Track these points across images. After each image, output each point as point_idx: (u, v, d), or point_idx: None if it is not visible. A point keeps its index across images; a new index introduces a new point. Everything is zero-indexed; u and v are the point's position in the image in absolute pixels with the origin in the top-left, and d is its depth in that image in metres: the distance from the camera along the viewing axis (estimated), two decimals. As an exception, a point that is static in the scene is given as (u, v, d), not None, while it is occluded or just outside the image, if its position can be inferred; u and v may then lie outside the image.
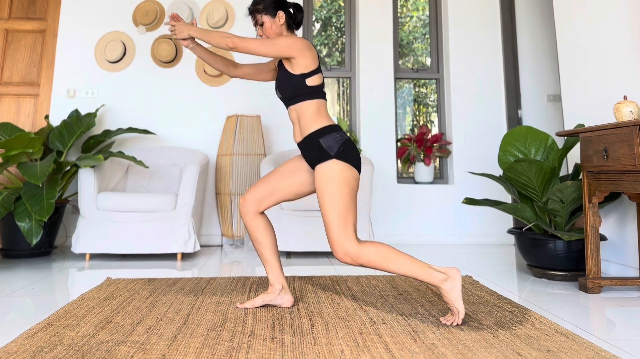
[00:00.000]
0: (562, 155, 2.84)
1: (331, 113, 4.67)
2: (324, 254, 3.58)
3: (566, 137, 2.89)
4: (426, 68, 4.72)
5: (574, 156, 3.17)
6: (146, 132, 3.98)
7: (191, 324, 1.82)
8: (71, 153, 3.98)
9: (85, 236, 3.29)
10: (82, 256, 3.47)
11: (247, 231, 2.09)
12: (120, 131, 3.91)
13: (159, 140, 4.16)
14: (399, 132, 4.66)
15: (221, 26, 4.29)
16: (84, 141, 3.96)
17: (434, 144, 4.35)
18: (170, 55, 4.21)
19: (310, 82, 1.98)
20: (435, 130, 4.70)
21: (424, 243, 4.15)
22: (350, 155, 1.93)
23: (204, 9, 4.31)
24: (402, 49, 4.78)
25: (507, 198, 4.07)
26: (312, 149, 1.96)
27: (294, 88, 1.99)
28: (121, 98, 4.19)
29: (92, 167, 3.35)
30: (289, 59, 1.98)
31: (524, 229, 2.94)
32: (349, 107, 4.65)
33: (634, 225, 2.69)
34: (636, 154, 2.12)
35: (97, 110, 3.98)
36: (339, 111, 4.73)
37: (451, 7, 4.52)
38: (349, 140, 1.96)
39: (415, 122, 4.83)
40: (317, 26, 4.83)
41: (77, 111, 3.95)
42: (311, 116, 1.99)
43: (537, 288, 2.55)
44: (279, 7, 2.06)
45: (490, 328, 1.78)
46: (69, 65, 4.19)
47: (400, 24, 4.80)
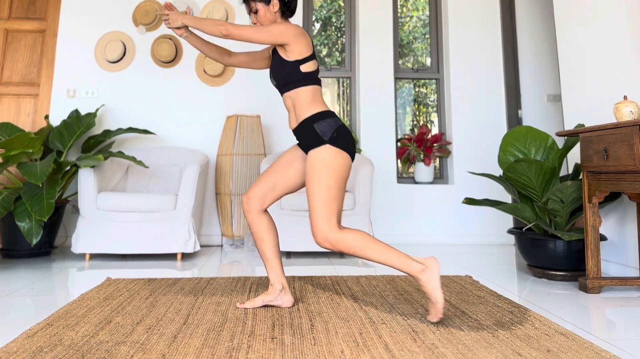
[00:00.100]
0: (562, 155, 2.84)
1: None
2: (324, 254, 3.58)
3: (566, 137, 2.89)
4: (426, 68, 4.72)
5: (574, 156, 3.17)
6: (146, 132, 3.98)
7: (191, 325, 1.82)
8: (71, 153, 3.98)
9: (85, 236, 3.29)
10: (82, 256, 3.47)
11: (250, 229, 2.09)
12: (120, 131, 3.91)
13: (159, 140, 4.16)
14: (399, 132, 4.66)
15: (221, 26, 4.29)
16: (84, 141, 3.96)
17: (434, 144, 4.35)
18: (170, 55, 4.21)
19: (304, 68, 1.98)
20: (435, 130, 4.70)
21: (424, 243, 4.15)
22: (343, 141, 1.93)
23: (204, 9, 4.31)
24: (402, 48, 4.78)
25: (507, 198, 4.07)
26: (307, 134, 1.96)
27: (288, 75, 1.99)
28: (121, 98, 4.19)
29: (92, 166, 3.35)
30: (283, 46, 1.98)
31: (524, 229, 2.94)
32: (349, 107, 4.65)
33: (634, 225, 2.69)
34: (636, 154, 2.12)
35: (97, 110, 3.98)
36: (339, 111, 4.73)
37: (451, 7, 4.52)
38: (343, 126, 1.96)
39: (415, 122, 4.83)
40: (317, 26, 4.83)
41: (77, 111, 3.95)
42: (306, 102, 1.99)
43: (537, 288, 2.55)
44: None
45: (490, 328, 1.78)
46: (69, 65, 4.19)
47: (400, 24, 4.79)
